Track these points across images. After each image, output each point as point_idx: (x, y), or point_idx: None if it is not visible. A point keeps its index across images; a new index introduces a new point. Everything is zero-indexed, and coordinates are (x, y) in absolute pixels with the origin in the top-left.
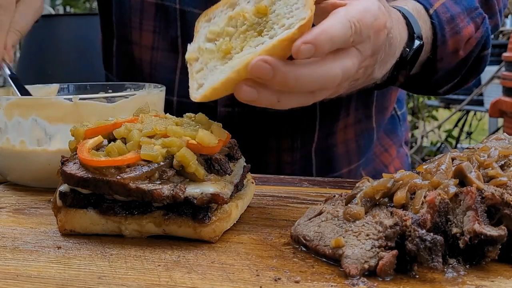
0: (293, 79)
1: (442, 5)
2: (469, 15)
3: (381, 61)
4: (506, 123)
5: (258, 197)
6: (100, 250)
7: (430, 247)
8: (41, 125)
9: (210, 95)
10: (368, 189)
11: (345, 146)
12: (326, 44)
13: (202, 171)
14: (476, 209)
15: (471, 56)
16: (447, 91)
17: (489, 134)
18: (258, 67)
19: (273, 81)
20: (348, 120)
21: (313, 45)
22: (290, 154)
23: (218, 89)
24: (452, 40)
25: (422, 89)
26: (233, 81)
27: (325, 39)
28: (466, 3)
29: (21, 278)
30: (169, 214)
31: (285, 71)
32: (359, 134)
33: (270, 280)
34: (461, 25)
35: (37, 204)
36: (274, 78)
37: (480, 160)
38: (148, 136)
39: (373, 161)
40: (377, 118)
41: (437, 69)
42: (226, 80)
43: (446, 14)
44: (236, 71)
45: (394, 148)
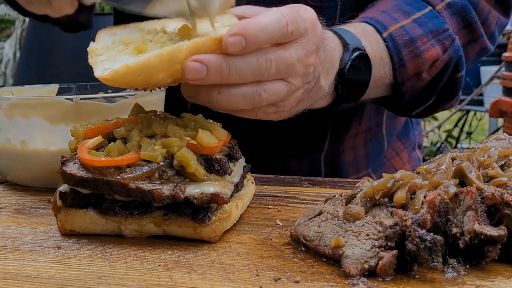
0: (226, 69)
1: (399, 28)
2: (435, 37)
3: (323, 65)
4: (506, 123)
5: (258, 197)
6: (100, 250)
7: (430, 247)
8: (42, 125)
9: (122, 74)
10: (368, 189)
11: (353, 153)
12: (257, 34)
13: (202, 171)
14: (476, 209)
15: (440, 79)
16: (420, 114)
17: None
18: (191, 68)
19: (208, 77)
20: (360, 128)
21: (241, 36)
22: (298, 160)
23: (132, 70)
24: (412, 63)
25: (395, 110)
26: (152, 65)
27: (254, 29)
28: (432, 25)
29: (21, 278)
30: (169, 214)
31: (218, 62)
32: (367, 141)
33: (270, 280)
34: (422, 48)
35: (37, 204)
36: (209, 73)
37: (480, 160)
38: (148, 136)
39: (384, 165)
40: (388, 125)
41: (403, 92)
42: (145, 62)
43: (403, 37)
44: (159, 55)
45: (405, 152)
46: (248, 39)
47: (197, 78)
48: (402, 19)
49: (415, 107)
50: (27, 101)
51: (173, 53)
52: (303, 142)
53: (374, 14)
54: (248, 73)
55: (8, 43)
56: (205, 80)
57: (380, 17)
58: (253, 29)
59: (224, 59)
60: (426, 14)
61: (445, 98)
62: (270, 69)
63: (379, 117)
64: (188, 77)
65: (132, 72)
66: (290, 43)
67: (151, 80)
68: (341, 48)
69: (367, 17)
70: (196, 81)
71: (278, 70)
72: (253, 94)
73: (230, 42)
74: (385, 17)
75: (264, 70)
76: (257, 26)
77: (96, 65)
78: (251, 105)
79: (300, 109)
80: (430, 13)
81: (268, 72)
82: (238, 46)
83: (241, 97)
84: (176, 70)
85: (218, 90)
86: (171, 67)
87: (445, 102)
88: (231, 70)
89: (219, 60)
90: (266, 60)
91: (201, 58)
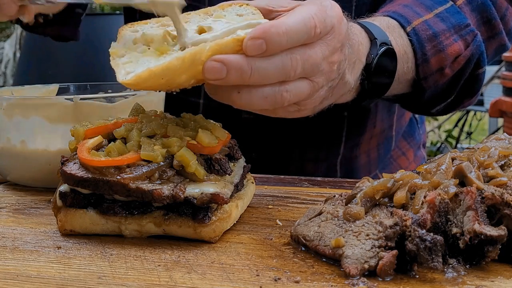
0: (248, 70)
1: (423, 23)
2: (457, 32)
3: (349, 61)
4: (506, 123)
5: (258, 197)
6: (100, 250)
7: (430, 247)
8: (42, 125)
9: (145, 78)
10: (368, 189)
11: (367, 156)
12: (280, 38)
13: (202, 171)
14: (476, 209)
15: (462, 75)
16: (440, 112)
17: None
18: (211, 68)
19: (228, 77)
20: (375, 130)
21: (262, 40)
22: (314, 164)
23: (154, 73)
24: (435, 58)
25: (413, 108)
26: (174, 68)
27: (277, 33)
28: (454, 20)
29: (21, 278)
30: (169, 214)
31: (239, 63)
32: (380, 143)
33: (270, 280)
34: (445, 42)
35: (37, 204)
36: (229, 73)
37: (480, 160)
38: (148, 136)
39: (391, 164)
40: (397, 126)
41: (424, 88)
42: (167, 66)
43: (427, 31)
44: (181, 58)
45: (411, 152)
46: (269, 43)
47: (216, 78)
48: (425, 14)
49: (436, 104)
50: (27, 101)
51: (195, 54)
52: (319, 144)
53: (396, 8)
54: (272, 73)
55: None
56: (225, 80)
57: (403, 11)
58: (275, 33)
59: (246, 60)
60: (447, 9)
61: (465, 95)
62: (296, 69)
63: (390, 119)
64: (208, 77)
65: (154, 75)
66: (316, 42)
67: (173, 82)
68: (368, 43)
69: (390, 11)
70: (216, 81)
71: (304, 70)
72: (274, 95)
73: (249, 45)
74: (408, 11)
75: (290, 71)
76: (281, 30)
77: (118, 68)
78: (272, 105)
79: (325, 106)
80: (452, 8)
81: (294, 72)
82: (258, 50)
83: (261, 97)
84: (198, 71)
85: (238, 89)
86: (193, 68)
87: (466, 99)
88: (253, 71)
89: (241, 60)
90: (292, 60)
91: (222, 58)
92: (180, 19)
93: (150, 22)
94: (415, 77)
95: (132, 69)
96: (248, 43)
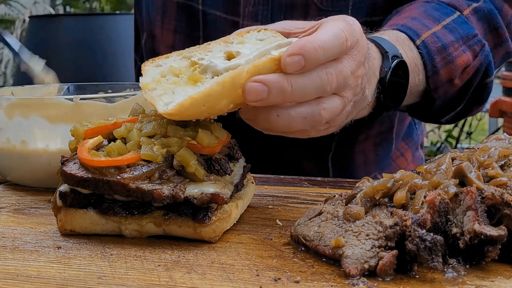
0: (288, 87)
1: (432, 35)
2: (466, 43)
3: (367, 75)
4: (506, 123)
5: (258, 197)
6: (100, 250)
7: (430, 247)
8: (42, 125)
9: (187, 106)
10: (368, 189)
11: (364, 156)
12: (316, 52)
13: (202, 171)
14: (476, 209)
15: (471, 84)
16: (449, 120)
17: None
18: (252, 89)
19: (270, 97)
20: (370, 132)
21: (300, 56)
22: (307, 162)
23: (196, 101)
24: (445, 70)
25: (423, 117)
26: (215, 94)
27: (313, 47)
28: (462, 31)
29: (21, 278)
30: (169, 214)
31: (279, 81)
32: (378, 145)
33: (270, 280)
34: (454, 54)
35: (37, 204)
36: (270, 93)
37: (480, 160)
38: (148, 136)
39: (390, 165)
40: (397, 128)
41: (435, 98)
42: (208, 92)
43: (436, 43)
44: (221, 83)
45: (410, 152)
46: (307, 59)
47: (258, 99)
48: (433, 26)
49: (445, 113)
50: (27, 101)
51: (235, 78)
52: (311, 141)
53: (405, 21)
54: (311, 89)
55: None
56: (267, 100)
57: (412, 24)
58: (312, 48)
59: (285, 78)
60: (455, 20)
61: (474, 103)
62: (332, 84)
63: (391, 121)
64: (250, 99)
65: (196, 103)
66: (343, 56)
67: (214, 108)
68: (380, 57)
69: (399, 24)
70: (258, 103)
71: (338, 84)
72: (313, 114)
73: (288, 63)
74: (417, 24)
75: (327, 86)
76: (316, 45)
77: (154, 101)
78: (311, 125)
79: (348, 121)
80: (459, 19)
81: (330, 87)
82: (297, 66)
83: (300, 118)
84: (238, 95)
85: (277, 112)
86: (233, 92)
87: (474, 107)
88: (294, 89)
89: (280, 79)
90: (327, 75)
91: (261, 79)
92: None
93: (171, 56)
94: (426, 88)
95: (170, 100)
96: (287, 60)
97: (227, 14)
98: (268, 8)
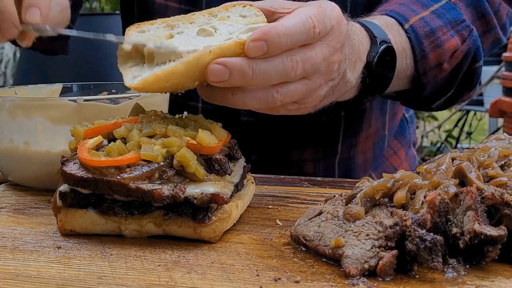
0: (249, 71)
1: (420, 20)
2: (454, 28)
3: (349, 60)
4: (506, 123)
5: (258, 197)
6: (100, 250)
7: (430, 247)
8: (45, 126)
9: (151, 82)
10: (368, 189)
11: (364, 156)
12: (279, 39)
13: (202, 171)
14: (476, 209)
15: (460, 69)
16: (440, 107)
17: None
18: (214, 71)
19: (231, 79)
20: (370, 130)
21: (263, 42)
22: (313, 164)
23: (160, 78)
24: (434, 54)
25: (414, 104)
26: (179, 72)
27: (277, 34)
28: (450, 16)
29: (21, 278)
30: (169, 214)
31: (241, 65)
32: (375, 143)
33: (270, 280)
34: (442, 38)
35: (37, 204)
36: (232, 75)
37: (480, 160)
38: (148, 136)
39: (383, 163)
40: (389, 125)
41: (424, 84)
42: (172, 70)
43: (424, 28)
44: (185, 62)
45: (403, 151)
46: (270, 44)
47: (219, 80)
48: (421, 11)
49: (436, 99)
50: (30, 102)
51: (199, 58)
52: (317, 144)
53: (393, 6)
54: (273, 75)
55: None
56: (228, 82)
57: (401, 9)
58: (275, 34)
59: (248, 62)
60: (443, 6)
61: (464, 89)
62: (297, 70)
63: (383, 118)
64: (212, 79)
65: (160, 79)
66: (316, 43)
67: (178, 85)
68: (369, 41)
69: (388, 9)
70: (219, 84)
71: (304, 70)
72: (266, 96)
73: (251, 47)
74: (405, 10)
75: (291, 71)
76: (280, 31)
77: (125, 72)
78: (265, 106)
79: (326, 103)
80: (447, 5)
81: (294, 73)
82: (259, 51)
83: (254, 98)
84: (202, 74)
85: (231, 91)
86: (197, 71)
87: (465, 93)
88: (255, 73)
89: (242, 63)
90: (292, 61)
91: (224, 61)
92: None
93: (156, 23)
94: (415, 73)
95: (138, 73)
96: (249, 45)
97: None
98: None
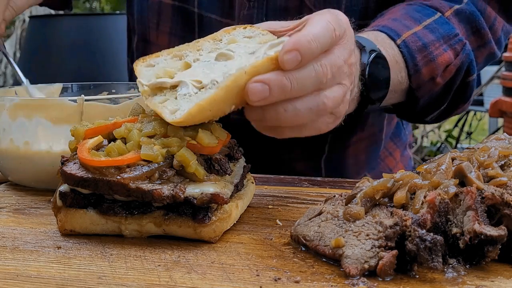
0: (288, 83)
1: (412, 35)
2: (447, 42)
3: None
4: (506, 123)
5: (258, 197)
6: (100, 250)
7: (430, 247)
8: (45, 126)
9: (195, 114)
10: (368, 189)
11: (355, 158)
12: (310, 45)
13: (202, 171)
14: (476, 209)
15: (453, 83)
16: (434, 120)
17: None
18: (254, 89)
19: (272, 95)
20: (362, 134)
21: (296, 51)
22: (302, 163)
23: (203, 107)
24: (427, 68)
25: (409, 117)
26: (219, 99)
27: (307, 41)
28: (443, 30)
29: (21, 278)
30: (169, 214)
31: (278, 79)
32: (369, 146)
33: (270, 280)
34: (435, 52)
35: (37, 204)
36: (272, 91)
37: (480, 160)
38: (148, 136)
39: (378, 165)
40: (386, 130)
41: (418, 97)
42: (213, 97)
43: (417, 43)
44: (224, 87)
45: (398, 152)
46: (303, 53)
47: (261, 99)
48: (413, 26)
49: (430, 112)
50: (30, 102)
51: (236, 81)
52: (304, 142)
53: (385, 22)
54: (309, 83)
55: (8, 43)
56: (269, 99)
57: (392, 25)
58: (306, 42)
59: (284, 75)
60: (436, 20)
61: (458, 101)
62: (327, 75)
63: (381, 123)
64: (253, 99)
65: (203, 109)
66: (334, 47)
67: (218, 112)
68: (358, 51)
69: (379, 25)
70: (260, 102)
71: (333, 74)
72: (317, 103)
73: (286, 60)
74: (397, 25)
75: (323, 77)
76: (309, 38)
77: (158, 109)
78: (317, 114)
79: (348, 111)
80: (440, 19)
81: (326, 78)
82: (295, 62)
83: (306, 109)
84: (239, 96)
85: (283, 107)
86: (234, 94)
87: (459, 105)
88: (293, 84)
89: (279, 76)
90: (322, 67)
91: (262, 79)
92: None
93: (162, 55)
94: (408, 87)
95: (174, 106)
96: (284, 58)
97: (222, 17)
98: (263, 12)
